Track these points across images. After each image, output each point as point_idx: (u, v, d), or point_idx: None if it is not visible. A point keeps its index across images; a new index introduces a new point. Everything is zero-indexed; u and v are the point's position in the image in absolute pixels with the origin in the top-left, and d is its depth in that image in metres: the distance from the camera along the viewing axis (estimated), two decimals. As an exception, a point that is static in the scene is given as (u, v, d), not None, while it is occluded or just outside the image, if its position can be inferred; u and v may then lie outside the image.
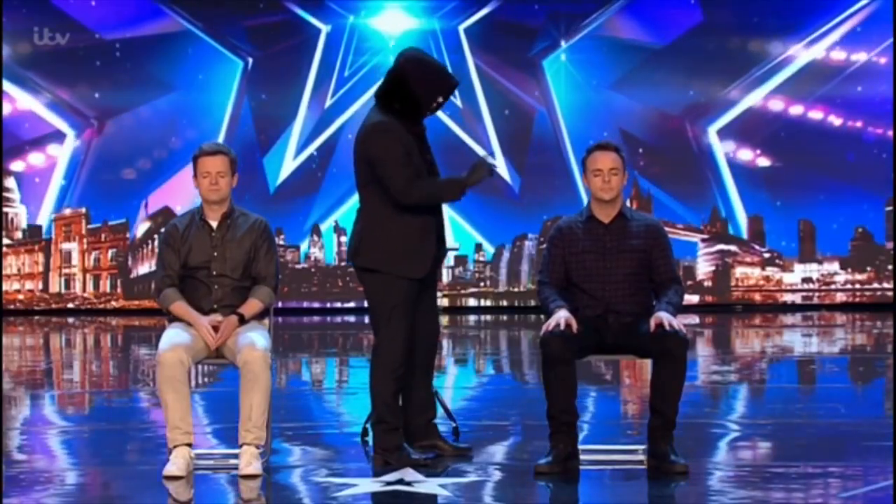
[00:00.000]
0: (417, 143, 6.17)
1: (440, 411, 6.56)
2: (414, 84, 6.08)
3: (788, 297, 17.33)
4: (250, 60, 17.07)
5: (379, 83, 6.23)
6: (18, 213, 17.25)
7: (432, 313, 6.38)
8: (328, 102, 17.03)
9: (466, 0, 16.90)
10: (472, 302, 17.17)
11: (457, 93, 16.55)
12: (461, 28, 16.91)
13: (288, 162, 17.07)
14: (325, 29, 16.98)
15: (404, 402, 6.23)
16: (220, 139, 16.70)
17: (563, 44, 16.93)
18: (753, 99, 16.92)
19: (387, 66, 6.26)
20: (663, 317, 5.88)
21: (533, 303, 16.29)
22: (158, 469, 5.88)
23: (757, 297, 17.37)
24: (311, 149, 17.09)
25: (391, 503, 5.47)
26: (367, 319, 6.36)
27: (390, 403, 6.09)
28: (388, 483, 5.66)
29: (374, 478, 5.80)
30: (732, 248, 17.27)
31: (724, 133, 16.98)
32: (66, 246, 17.35)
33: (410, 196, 6.04)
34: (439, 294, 6.52)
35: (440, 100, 6.17)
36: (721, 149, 16.98)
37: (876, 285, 17.12)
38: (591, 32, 16.87)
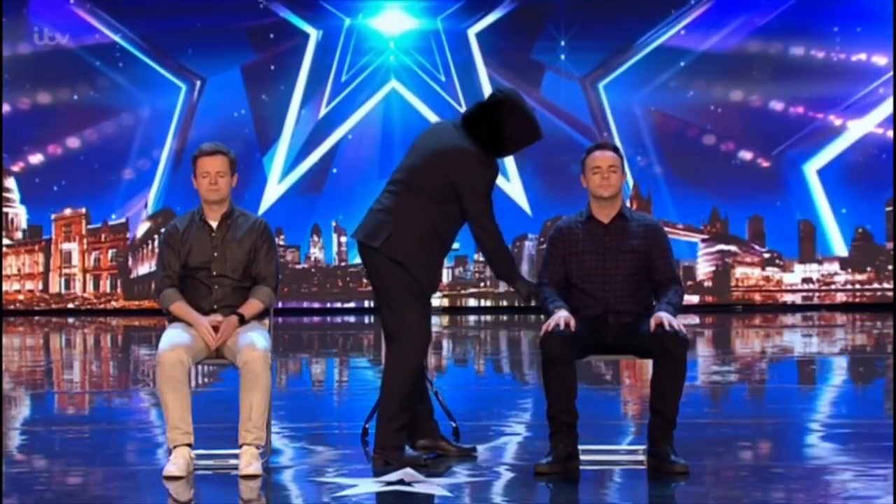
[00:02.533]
0: None
1: (439, 411, 6.57)
2: (508, 125, 6.10)
3: (788, 298, 17.33)
4: (198, 83, 17.01)
5: (470, 108, 6.24)
6: (18, 213, 17.26)
7: None
8: (323, 111, 16.94)
9: (468, 1, 16.89)
10: (472, 302, 17.16)
11: (462, 98, 16.73)
12: (471, 32, 16.89)
13: (273, 185, 17.05)
14: (314, 34, 16.88)
15: None
16: (162, 164, 16.79)
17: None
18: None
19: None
20: (663, 317, 5.88)
21: (533, 303, 16.28)
22: (158, 469, 5.88)
23: (757, 297, 17.38)
24: (304, 167, 17.08)
25: (391, 503, 5.47)
26: (367, 319, 6.35)
27: (405, 397, 6.05)
28: (389, 483, 5.66)
29: (374, 478, 5.80)
30: (732, 248, 17.28)
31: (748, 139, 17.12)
32: (66, 246, 17.36)
33: (492, 230, 6.08)
34: (439, 294, 6.53)
35: (522, 147, 6.23)
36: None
37: (876, 285, 17.12)
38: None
